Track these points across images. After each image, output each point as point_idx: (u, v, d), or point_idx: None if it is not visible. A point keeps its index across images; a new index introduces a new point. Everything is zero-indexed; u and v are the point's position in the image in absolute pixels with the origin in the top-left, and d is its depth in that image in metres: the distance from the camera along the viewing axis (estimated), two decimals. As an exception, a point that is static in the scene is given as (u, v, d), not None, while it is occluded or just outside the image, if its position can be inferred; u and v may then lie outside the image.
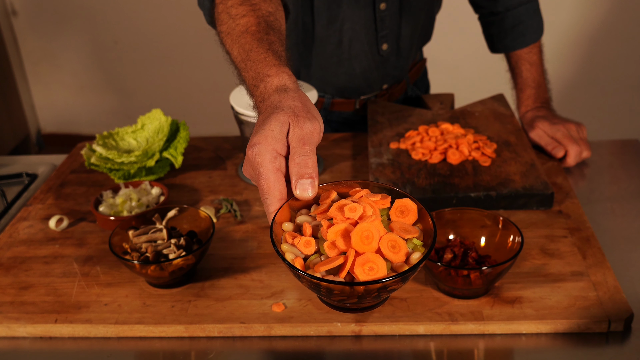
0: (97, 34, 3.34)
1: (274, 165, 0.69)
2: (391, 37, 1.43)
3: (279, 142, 0.70)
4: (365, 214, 0.66)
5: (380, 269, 0.63)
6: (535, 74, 1.45)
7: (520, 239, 0.95)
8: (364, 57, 1.44)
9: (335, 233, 0.65)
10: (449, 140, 1.27)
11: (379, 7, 1.37)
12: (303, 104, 0.74)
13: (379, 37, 1.42)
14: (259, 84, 0.80)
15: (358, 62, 1.44)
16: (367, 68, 1.46)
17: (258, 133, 0.71)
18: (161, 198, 1.23)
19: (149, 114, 1.39)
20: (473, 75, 2.98)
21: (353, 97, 1.52)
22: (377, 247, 0.64)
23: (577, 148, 1.30)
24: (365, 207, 0.66)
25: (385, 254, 0.64)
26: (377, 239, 0.64)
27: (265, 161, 0.69)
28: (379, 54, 1.44)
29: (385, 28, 1.41)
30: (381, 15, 1.39)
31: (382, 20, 1.39)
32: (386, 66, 1.48)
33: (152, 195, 1.23)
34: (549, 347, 0.90)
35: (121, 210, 1.18)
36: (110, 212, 1.19)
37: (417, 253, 0.65)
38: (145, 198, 1.21)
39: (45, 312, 0.98)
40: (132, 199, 1.20)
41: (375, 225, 0.65)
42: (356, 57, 1.43)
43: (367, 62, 1.45)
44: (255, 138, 0.71)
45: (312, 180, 0.68)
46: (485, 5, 1.48)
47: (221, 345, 0.93)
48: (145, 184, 1.24)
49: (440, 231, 1.02)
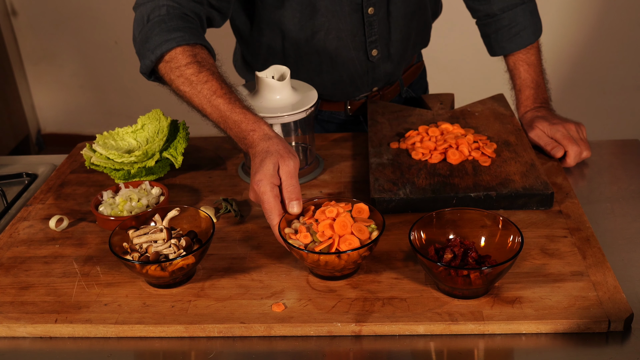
0: (97, 34, 3.34)
1: (273, 193, 1.02)
2: (381, 43, 1.43)
3: (274, 177, 1.03)
4: (339, 213, 1.02)
5: (355, 244, 0.98)
6: (533, 75, 1.45)
7: (520, 239, 0.95)
8: (351, 64, 1.43)
9: (323, 225, 1.00)
10: (449, 140, 1.27)
11: (367, 11, 1.37)
12: (284, 146, 1.06)
13: (368, 43, 1.41)
14: (247, 136, 1.09)
15: (345, 69, 1.44)
16: (355, 74, 1.45)
17: (259, 172, 1.03)
18: (161, 198, 1.23)
19: (149, 114, 1.39)
20: (473, 75, 2.98)
21: (342, 100, 1.52)
22: (351, 231, 1.00)
23: (576, 148, 1.30)
24: (338, 209, 1.02)
25: (357, 235, 0.99)
26: (349, 226, 1.00)
27: (267, 191, 1.02)
28: (368, 60, 1.44)
29: (374, 33, 1.40)
30: (369, 20, 1.38)
31: (370, 25, 1.39)
32: (376, 71, 1.47)
33: (152, 195, 1.23)
34: (549, 347, 0.90)
35: (121, 210, 1.19)
36: (110, 212, 1.19)
37: (375, 232, 1.01)
38: (145, 198, 1.21)
39: (45, 312, 0.98)
40: (132, 199, 1.20)
41: (347, 219, 1.01)
42: (343, 64, 1.43)
43: (354, 69, 1.44)
44: (257, 175, 1.03)
45: (298, 201, 1.03)
46: (481, 9, 1.48)
47: (221, 345, 0.93)
48: (145, 184, 1.24)
49: (440, 231, 1.02)
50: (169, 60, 1.17)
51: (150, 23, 1.18)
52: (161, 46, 1.16)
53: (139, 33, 1.20)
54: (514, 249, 0.95)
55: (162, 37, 1.16)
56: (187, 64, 1.15)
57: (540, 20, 1.47)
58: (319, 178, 1.30)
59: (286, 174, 1.04)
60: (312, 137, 1.32)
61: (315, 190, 1.26)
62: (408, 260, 1.04)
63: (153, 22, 1.18)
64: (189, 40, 1.17)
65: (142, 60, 1.20)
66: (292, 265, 1.05)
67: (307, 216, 1.04)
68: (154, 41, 1.17)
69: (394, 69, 1.50)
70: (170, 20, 1.18)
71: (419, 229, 1.00)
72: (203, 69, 1.15)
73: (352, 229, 1.00)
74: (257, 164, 1.05)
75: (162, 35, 1.16)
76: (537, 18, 1.46)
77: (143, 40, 1.19)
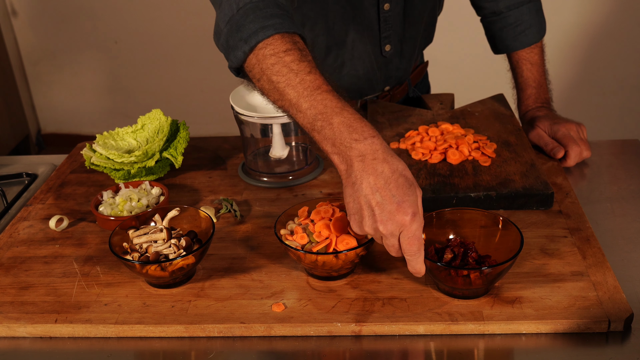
0: (97, 34, 3.34)
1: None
2: (394, 39, 1.43)
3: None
4: (335, 212, 1.02)
5: (352, 243, 0.97)
6: (536, 74, 1.45)
7: (520, 239, 0.95)
8: (367, 58, 1.43)
9: (320, 226, 1.00)
10: (449, 140, 1.27)
11: (382, 7, 1.37)
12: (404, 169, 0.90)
13: (382, 38, 1.42)
14: (359, 139, 0.89)
15: (361, 63, 1.44)
16: (370, 69, 1.45)
17: (406, 201, 0.87)
18: (161, 198, 1.23)
19: (149, 114, 1.39)
20: (473, 75, 2.99)
21: (355, 99, 1.52)
22: (347, 231, 0.99)
23: (577, 148, 1.30)
24: (334, 209, 1.02)
25: (353, 234, 0.98)
26: (346, 226, 0.99)
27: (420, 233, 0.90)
28: (381, 55, 1.44)
29: (389, 29, 1.41)
30: (385, 16, 1.38)
31: (385, 21, 1.39)
32: (389, 68, 1.47)
33: (152, 195, 1.23)
34: (549, 347, 0.90)
35: (121, 210, 1.18)
36: (110, 212, 1.19)
37: None
38: (145, 198, 1.21)
39: (45, 312, 0.98)
40: (132, 199, 1.20)
41: (343, 218, 1.00)
42: (359, 58, 1.43)
43: (370, 64, 1.44)
44: (405, 205, 0.87)
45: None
46: (487, 6, 1.48)
47: (221, 345, 0.93)
48: (145, 184, 1.24)
49: (440, 231, 1.02)
50: (263, 48, 0.98)
51: (243, 10, 1.02)
52: (257, 34, 0.99)
53: (226, 23, 1.03)
54: (514, 249, 0.95)
55: (259, 23, 0.99)
56: (287, 50, 0.97)
57: (544, 20, 1.47)
58: (319, 178, 1.30)
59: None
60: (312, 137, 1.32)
61: (315, 190, 1.26)
62: (408, 260, 1.04)
63: (246, 9, 1.02)
64: (289, 29, 1.00)
65: (232, 53, 1.02)
66: (292, 265, 1.05)
67: (303, 217, 1.04)
68: (249, 29, 1.00)
69: (406, 66, 1.50)
70: (266, 7, 1.01)
71: None
72: (305, 58, 0.97)
73: (349, 228, 0.99)
74: (391, 184, 0.87)
75: (258, 22, 0.99)
76: (542, 17, 1.46)
77: (233, 29, 1.02)
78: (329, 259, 0.96)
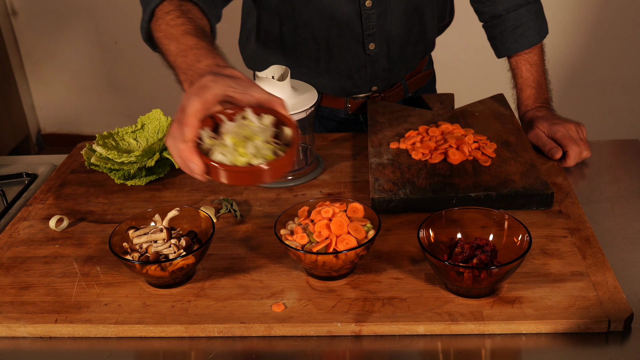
0: (97, 34, 3.34)
1: None
2: (380, 38, 1.43)
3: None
4: (335, 213, 1.02)
5: (352, 243, 0.98)
6: (535, 74, 1.45)
7: (528, 237, 0.96)
8: (348, 55, 1.44)
9: (320, 226, 1.00)
10: (449, 140, 1.27)
11: (364, 3, 1.37)
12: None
13: (365, 36, 1.42)
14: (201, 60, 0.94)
15: (342, 59, 1.44)
16: (352, 67, 1.46)
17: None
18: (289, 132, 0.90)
19: (149, 114, 1.39)
20: (473, 75, 2.98)
21: (341, 96, 1.52)
22: (347, 231, 1.00)
23: (576, 148, 1.30)
24: (334, 209, 1.03)
25: (353, 234, 1.00)
26: (345, 226, 1.00)
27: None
28: (365, 53, 1.44)
29: (372, 27, 1.41)
30: (367, 13, 1.39)
31: (367, 18, 1.39)
32: (375, 67, 1.47)
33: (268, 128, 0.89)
34: (549, 347, 0.90)
35: (242, 154, 0.86)
36: (230, 159, 0.86)
37: (372, 231, 1.01)
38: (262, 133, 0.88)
39: (45, 312, 0.98)
40: (251, 137, 0.87)
41: (343, 218, 1.01)
42: (340, 54, 1.43)
43: (351, 60, 1.45)
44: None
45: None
46: (487, 10, 1.48)
47: (221, 345, 0.93)
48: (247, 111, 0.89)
49: (446, 231, 1.02)
50: (156, 16, 1.07)
51: None
52: (151, 2, 1.08)
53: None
54: (523, 248, 0.95)
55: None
56: (169, 11, 1.06)
57: (545, 22, 1.47)
58: (319, 178, 1.30)
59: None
60: (312, 137, 1.32)
61: (315, 190, 1.26)
62: (408, 260, 1.04)
63: None
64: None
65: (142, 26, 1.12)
66: (292, 265, 1.05)
67: (303, 216, 1.04)
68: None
69: (394, 68, 1.50)
70: None
71: (427, 228, 1.00)
72: (185, 15, 1.04)
73: (348, 228, 1.00)
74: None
75: None
76: (542, 19, 1.46)
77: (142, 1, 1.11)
78: (329, 259, 0.96)
